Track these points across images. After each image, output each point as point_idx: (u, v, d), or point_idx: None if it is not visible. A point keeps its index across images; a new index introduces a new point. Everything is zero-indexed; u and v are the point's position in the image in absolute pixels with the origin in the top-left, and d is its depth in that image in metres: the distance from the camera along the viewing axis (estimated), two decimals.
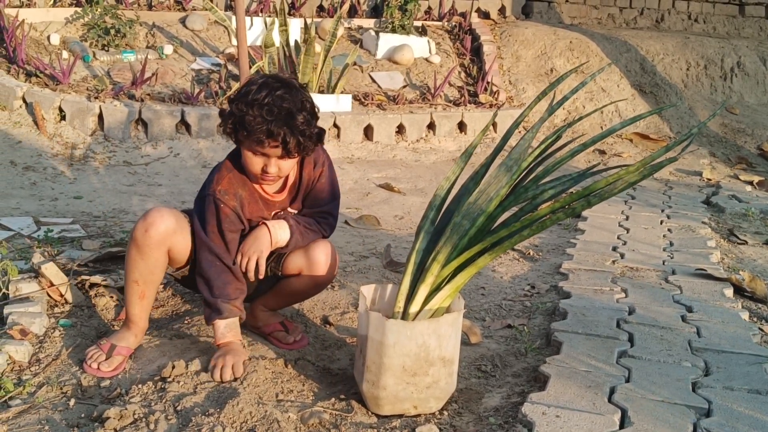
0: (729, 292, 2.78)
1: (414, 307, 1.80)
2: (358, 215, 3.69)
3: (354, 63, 5.66)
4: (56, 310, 2.29)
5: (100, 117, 4.54)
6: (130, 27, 5.27)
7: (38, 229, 3.07)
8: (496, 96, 5.78)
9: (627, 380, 1.99)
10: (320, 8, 6.49)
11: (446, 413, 1.85)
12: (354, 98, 5.35)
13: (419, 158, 5.10)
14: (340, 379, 2.01)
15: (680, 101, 6.25)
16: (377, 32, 6.09)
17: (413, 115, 5.32)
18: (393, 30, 6.14)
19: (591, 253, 3.18)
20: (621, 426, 1.76)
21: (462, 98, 5.65)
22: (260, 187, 2.06)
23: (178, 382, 1.89)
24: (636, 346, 2.22)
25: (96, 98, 4.60)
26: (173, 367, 1.94)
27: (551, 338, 2.26)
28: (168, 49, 5.32)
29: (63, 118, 4.50)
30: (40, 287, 2.29)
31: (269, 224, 2.04)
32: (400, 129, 5.27)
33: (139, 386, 1.88)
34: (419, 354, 1.76)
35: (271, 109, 1.86)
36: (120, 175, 4.15)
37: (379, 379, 1.77)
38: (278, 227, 2.04)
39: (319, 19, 6.08)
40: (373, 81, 5.74)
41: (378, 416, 1.81)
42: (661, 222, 3.82)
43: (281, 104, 1.87)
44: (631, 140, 5.75)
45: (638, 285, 2.81)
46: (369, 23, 6.37)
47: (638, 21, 7.74)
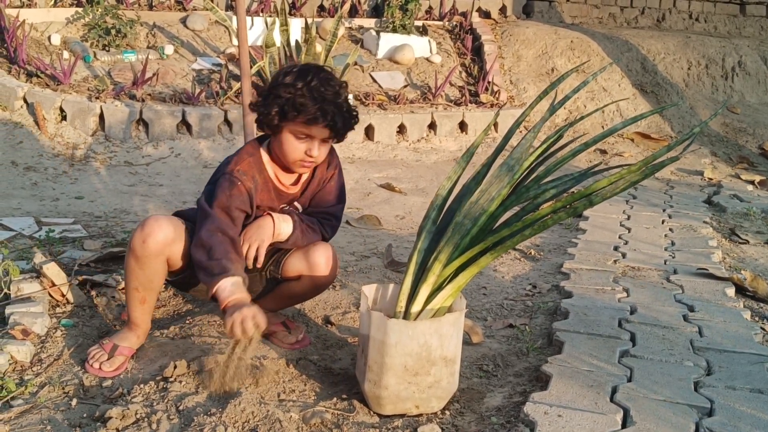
0: (731, 292, 2.78)
1: (416, 307, 1.80)
2: (360, 215, 3.69)
3: (355, 63, 5.66)
4: (58, 310, 2.29)
5: (101, 117, 4.54)
6: (131, 27, 5.27)
7: (39, 230, 3.07)
8: (497, 96, 5.77)
9: (629, 380, 1.99)
10: (321, 8, 6.49)
11: (448, 413, 1.85)
12: (355, 98, 5.34)
13: (420, 158, 5.10)
14: (342, 379, 2.01)
15: (681, 101, 6.25)
16: (378, 32, 6.08)
17: (414, 115, 5.32)
18: (394, 30, 6.14)
19: (592, 253, 3.18)
20: (623, 425, 1.76)
21: (463, 98, 5.65)
22: (276, 177, 2.07)
23: (180, 382, 1.89)
24: (638, 346, 2.22)
25: (97, 98, 4.60)
26: (175, 367, 1.94)
27: (553, 338, 2.26)
28: (169, 49, 5.32)
29: (64, 119, 4.50)
30: (42, 287, 2.29)
31: (274, 215, 2.04)
32: (401, 129, 5.27)
33: (141, 386, 1.88)
34: (421, 354, 1.76)
35: (321, 91, 1.92)
36: (121, 176, 4.15)
37: (381, 379, 1.77)
38: (282, 220, 2.04)
39: (320, 19, 6.07)
40: (374, 81, 5.73)
41: (380, 416, 1.81)
42: (663, 221, 3.82)
43: (327, 86, 1.93)
44: (633, 140, 5.74)
45: (640, 284, 2.80)
46: (370, 23, 6.36)
47: (639, 20, 7.73)
